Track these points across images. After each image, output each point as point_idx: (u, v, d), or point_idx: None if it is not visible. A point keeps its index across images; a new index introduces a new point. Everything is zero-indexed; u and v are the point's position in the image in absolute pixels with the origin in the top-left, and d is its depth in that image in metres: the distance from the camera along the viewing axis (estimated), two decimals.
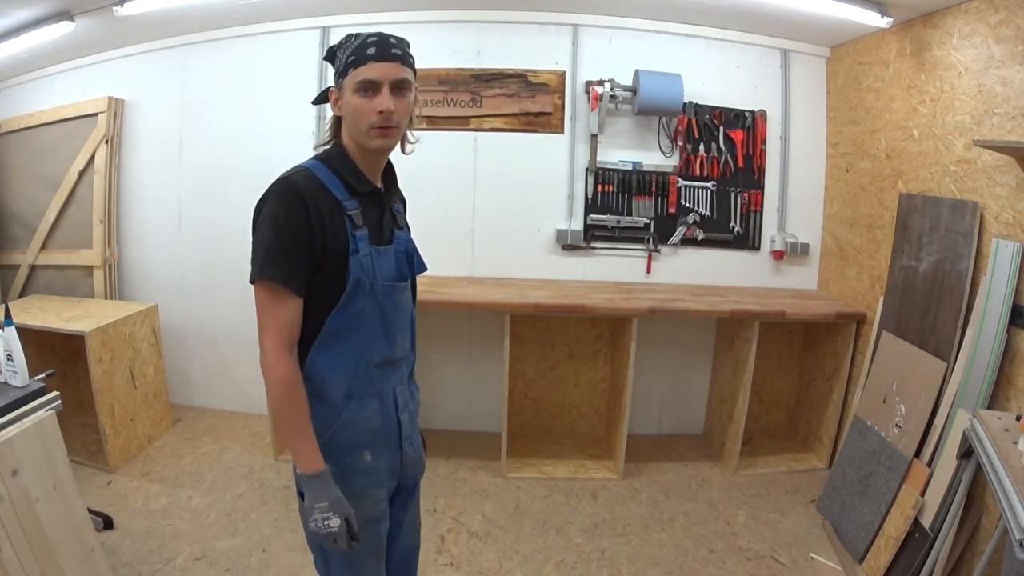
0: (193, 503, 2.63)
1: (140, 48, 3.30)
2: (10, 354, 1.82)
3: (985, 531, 2.02)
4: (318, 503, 1.15)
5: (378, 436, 1.29)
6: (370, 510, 1.28)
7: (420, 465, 1.45)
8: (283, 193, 1.15)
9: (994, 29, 2.15)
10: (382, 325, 1.26)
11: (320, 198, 1.17)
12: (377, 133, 1.19)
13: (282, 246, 1.13)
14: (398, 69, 1.18)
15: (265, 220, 1.15)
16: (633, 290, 3.16)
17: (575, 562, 2.36)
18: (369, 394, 1.27)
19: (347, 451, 1.25)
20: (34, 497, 1.65)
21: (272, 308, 1.16)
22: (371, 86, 1.17)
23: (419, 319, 1.44)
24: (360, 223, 1.22)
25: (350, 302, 1.20)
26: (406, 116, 1.23)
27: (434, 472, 2.97)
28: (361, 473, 1.26)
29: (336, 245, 1.18)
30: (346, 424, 1.24)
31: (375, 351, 1.26)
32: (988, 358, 2.04)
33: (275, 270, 1.14)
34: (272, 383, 1.16)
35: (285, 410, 1.16)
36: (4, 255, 3.53)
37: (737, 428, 3.00)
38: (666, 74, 3.06)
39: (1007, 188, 2.09)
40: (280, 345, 1.16)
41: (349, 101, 1.19)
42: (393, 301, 1.28)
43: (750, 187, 3.31)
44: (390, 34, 1.20)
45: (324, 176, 1.20)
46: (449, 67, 3.20)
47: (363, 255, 1.21)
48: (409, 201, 1.51)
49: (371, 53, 1.16)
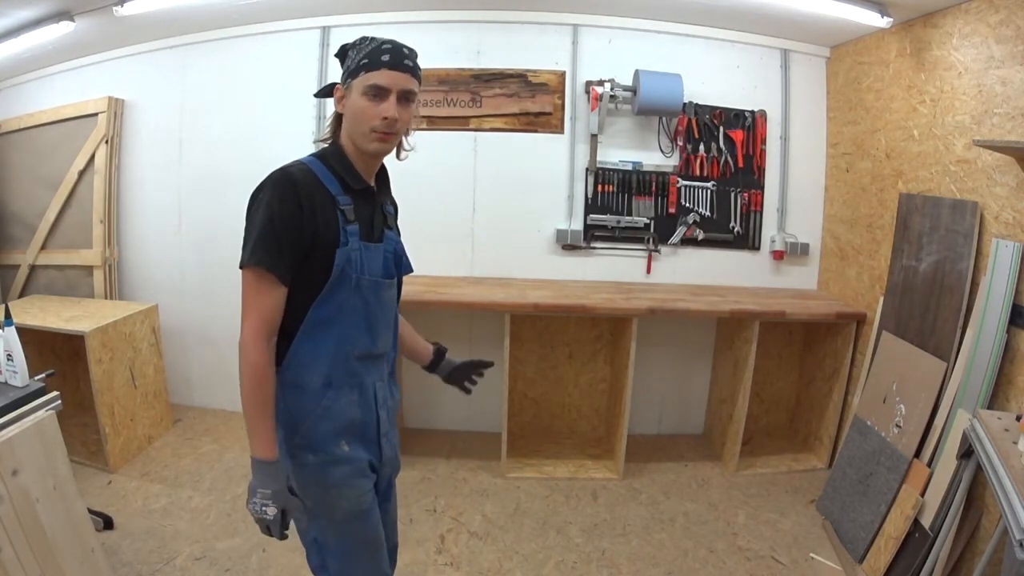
0: (193, 503, 2.63)
1: (140, 48, 3.30)
2: (10, 354, 1.82)
3: (985, 531, 2.02)
4: (261, 488, 1.17)
5: (357, 427, 1.31)
6: (356, 502, 1.30)
7: (396, 464, 1.47)
8: (278, 183, 1.18)
9: (994, 29, 2.15)
10: (365, 319, 1.28)
11: (315, 191, 1.20)
12: (377, 137, 1.22)
13: (274, 233, 1.16)
14: (408, 80, 1.22)
15: (259, 207, 1.18)
16: (633, 290, 3.16)
17: (575, 562, 2.36)
18: (348, 385, 1.29)
19: (326, 441, 1.26)
20: (34, 497, 1.65)
21: (257, 293, 1.18)
22: (380, 92, 1.20)
23: (419, 319, 1.45)
24: (352, 218, 1.24)
25: (333, 293, 1.23)
26: (407, 125, 1.28)
27: (434, 472, 2.98)
28: (341, 463, 1.28)
29: (327, 236, 1.21)
30: (325, 413, 1.26)
31: (356, 343, 1.28)
32: (988, 358, 2.04)
33: (264, 256, 1.16)
34: (244, 365, 1.18)
35: (249, 392, 1.18)
36: (4, 255, 3.52)
37: (737, 428, 3.00)
38: (666, 74, 3.07)
39: (1007, 188, 2.09)
40: (258, 331, 1.18)
41: (355, 102, 1.22)
42: (377, 296, 1.30)
43: (750, 187, 3.31)
44: (404, 44, 1.24)
45: (320, 172, 1.23)
46: (449, 67, 3.20)
47: (351, 248, 1.23)
48: (409, 201, 1.52)
49: (385, 60, 1.20)
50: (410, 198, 3.41)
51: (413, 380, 3.32)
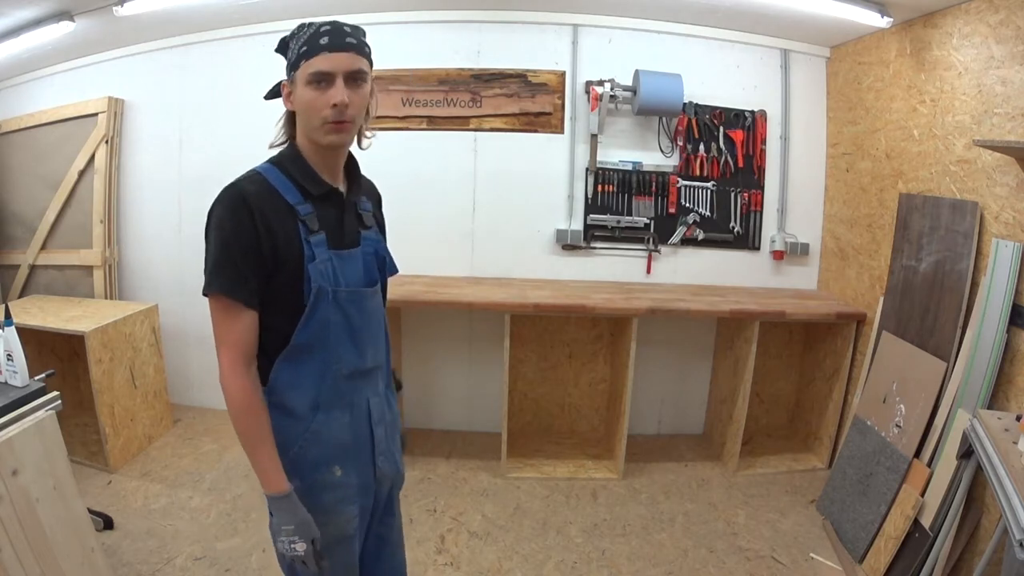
0: (193, 503, 2.63)
1: (140, 48, 3.30)
2: (10, 354, 1.82)
3: (985, 531, 2.02)
4: (284, 525, 1.11)
5: (349, 451, 1.23)
6: (342, 528, 1.23)
7: (398, 478, 1.39)
8: (228, 201, 1.10)
9: (994, 29, 2.15)
10: (349, 334, 1.20)
11: (268, 204, 1.11)
12: (331, 128, 1.13)
13: (229, 257, 1.09)
14: (352, 59, 1.12)
15: (212, 230, 1.10)
16: (633, 290, 3.16)
17: (575, 562, 2.36)
18: (339, 406, 1.21)
19: (315, 467, 1.19)
20: (34, 497, 1.65)
21: (224, 321, 1.11)
22: (324, 78, 1.10)
23: (419, 319, 1.44)
24: (315, 227, 1.15)
25: (313, 313, 1.14)
26: (361, 109, 1.17)
27: (434, 472, 2.98)
28: (330, 489, 1.20)
29: (289, 253, 1.12)
30: (314, 438, 1.18)
31: (344, 362, 1.20)
32: (988, 358, 2.04)
33: (223, 282, 1.09)
34: (229, 400, 1.11)
35: (243, 428, 1.11)
36: (4, 255, 3.53)
37: (737, 428, 3.00)
38: (666, 74, 3.06)
39: (1007, 188, 2.09)
40: (235, 361, 1.11)
41: (301, 95, 1.13)
42: (360, 308, 1.21)
43: (750, 187, 3.30)
44: (345, 23, 1.14)
45: (276, 180, 1.15)
46: (449, 67, 3.20)
47: (321, 261, 1.15)
48: (409, 201, 1.49)
49: (324, 43, 1.10)
50: (411, 198, 3.40)
51: (413, 380, 3.33)
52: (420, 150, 3.17)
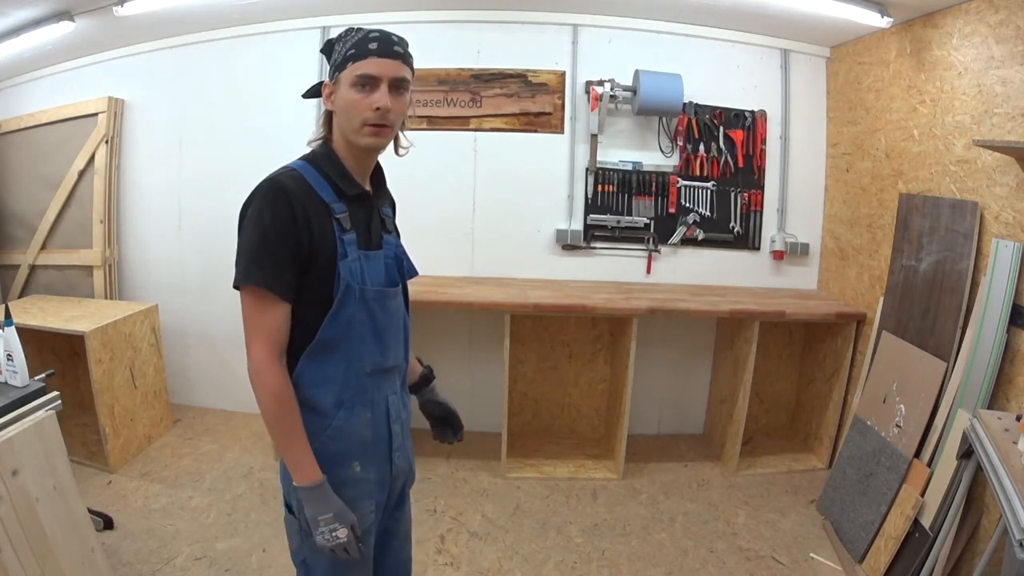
0: (193, 503, 2.63)
1: (140, 48, 3.30)
2: (10, 354, 1.82)
3: (985, 531, 2.02)
4: (322, 515, 1.12)
5: (368, 447, 1.25)
6: (361, 523, 1.23)
7: (411, 474, 1.42)
8: (269, 193, 1.11)
9: (994, 29, 2.15)
10: (373, 332, 1.22)
11: (307, 199, 1.13)
12: (370, 131, 1.15)
13: (267, 249, 1.10)
14: (398, 67, 1.16)
15: (250, 221, 1.11)
16: (633, 290, 3.16)
17: (575, 562, 2.36)
18: (360, 403, 1.23)
19: (336, 462, 1.20)
20: (34, 497, 1.65)
21: (259, 314, 1.12)
22: (369, 81, 1.13)
23: (419, 319, 1.44)
24: (348, 227, 1.18)
25: (341, 309, 1.16)
26: (401, 116, 1.20)
27: (434, 472, 2.98)
28: (350, 485, 1.22)
29: (324, 248, 1.14)
30: (336, 434, 1.20)
31: (367, 359, 1.22)
32: (988, 358, 2.04)
33: (261, 274, 1.10)
34: (264, 394, 1.12)
35: (278, 420, 1.13)
36: (4, 255, 3.53)
37: (737, 428, 3.00)
38: (666, 74, 3.06)
39: (1007, 188, 2.09)
40: (270, 353, 1.12)
41: (344, 95, 1.15)
42: (384, 307, 1.24)
43: (750, 187, 3.31)
44: (393, 32, 1.18)
45: (311, 177, 1.16)
46: (449, 67, 3.20)
47: (352, 260, 1.17)
48: (409, 201, 1.50)
49: (373, 48, 1.13)
50: (410, 198, 3.40)
51: None
52: (420, 150, 3.17)
